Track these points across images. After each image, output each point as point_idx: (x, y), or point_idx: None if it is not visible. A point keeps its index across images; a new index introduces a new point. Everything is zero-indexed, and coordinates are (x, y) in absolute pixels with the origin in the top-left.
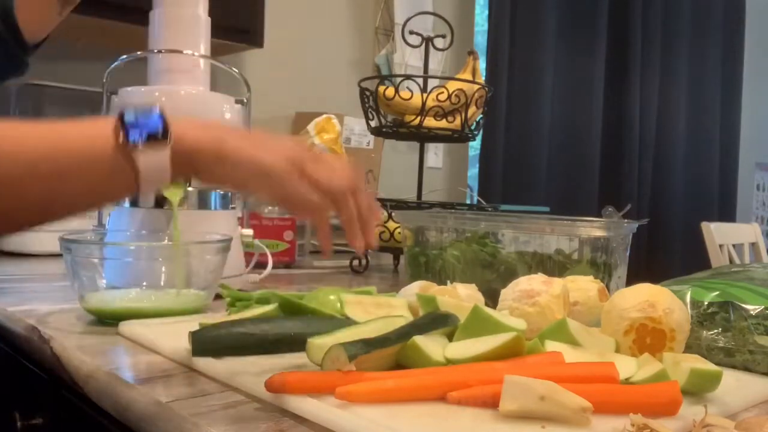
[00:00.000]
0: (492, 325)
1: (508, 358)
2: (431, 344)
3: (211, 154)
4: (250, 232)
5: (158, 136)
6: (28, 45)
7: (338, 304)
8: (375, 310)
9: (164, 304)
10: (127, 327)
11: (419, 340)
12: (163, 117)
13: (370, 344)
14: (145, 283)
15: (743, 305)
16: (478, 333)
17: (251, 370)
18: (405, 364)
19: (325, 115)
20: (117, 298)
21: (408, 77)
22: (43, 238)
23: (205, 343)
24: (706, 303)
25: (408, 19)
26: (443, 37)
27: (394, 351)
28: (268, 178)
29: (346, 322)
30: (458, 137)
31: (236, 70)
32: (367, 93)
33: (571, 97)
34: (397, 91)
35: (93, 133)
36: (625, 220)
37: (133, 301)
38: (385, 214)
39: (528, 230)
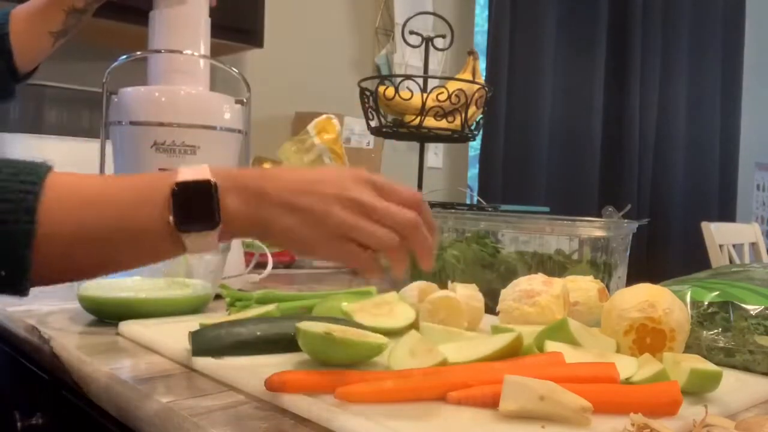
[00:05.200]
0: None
1: (508, 358)
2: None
3: (257, 234)
4: None
5: (209, 227)
6: (19, 73)
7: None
8: (376, 310)
9: (164, 294)
10: (126, 327)
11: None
12: (216, 202)
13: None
14: None
15: (743, 305)
16: None
17: (251, 370)
18: None
19: (325, 115)
20: (115, 288)
21: (408, 77)
22: None
23: (205, 343)
24: (706, 303)
25: (408, 19)
26: (443, 37)
27: None
28: (326, 251)
29: (346, 321)
30: (458, 137)
31: (236, 70)
32: (367, 93)
33: (571, 97)
34: (397, 91)
35: (144, 209)
36: (625, 220)
37: (131, 290)
38: None
39: (528, 230)
